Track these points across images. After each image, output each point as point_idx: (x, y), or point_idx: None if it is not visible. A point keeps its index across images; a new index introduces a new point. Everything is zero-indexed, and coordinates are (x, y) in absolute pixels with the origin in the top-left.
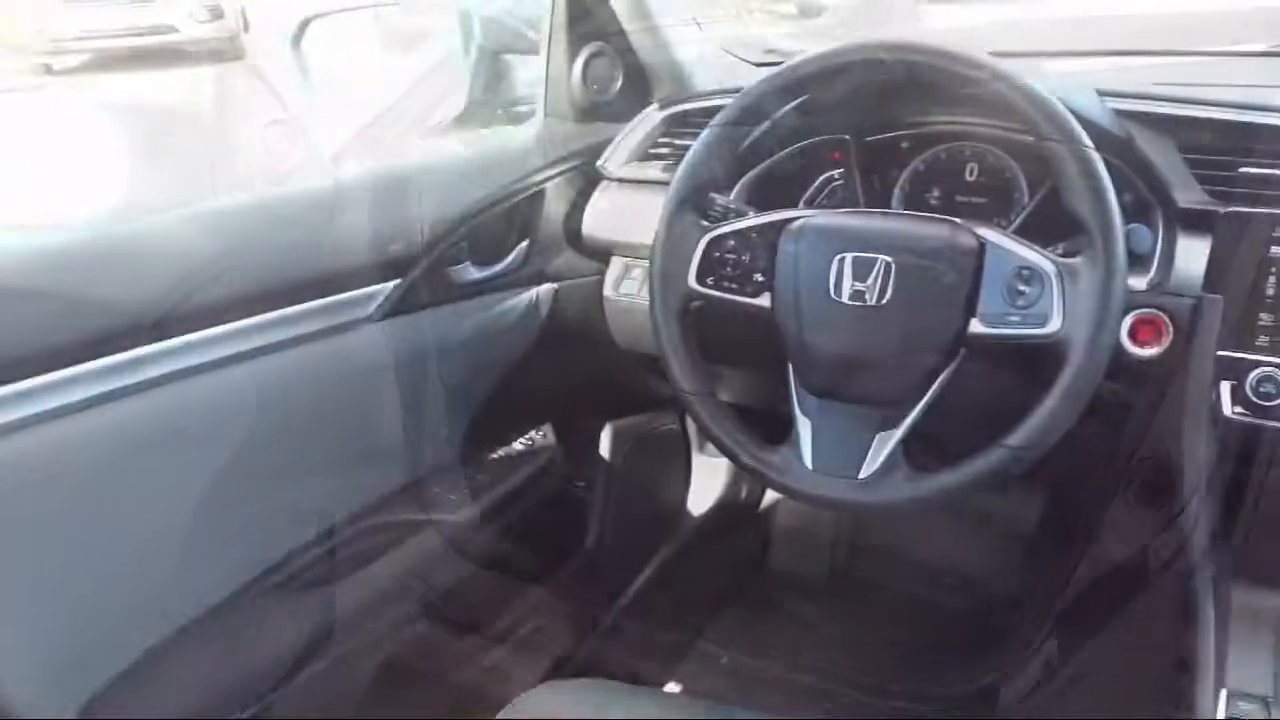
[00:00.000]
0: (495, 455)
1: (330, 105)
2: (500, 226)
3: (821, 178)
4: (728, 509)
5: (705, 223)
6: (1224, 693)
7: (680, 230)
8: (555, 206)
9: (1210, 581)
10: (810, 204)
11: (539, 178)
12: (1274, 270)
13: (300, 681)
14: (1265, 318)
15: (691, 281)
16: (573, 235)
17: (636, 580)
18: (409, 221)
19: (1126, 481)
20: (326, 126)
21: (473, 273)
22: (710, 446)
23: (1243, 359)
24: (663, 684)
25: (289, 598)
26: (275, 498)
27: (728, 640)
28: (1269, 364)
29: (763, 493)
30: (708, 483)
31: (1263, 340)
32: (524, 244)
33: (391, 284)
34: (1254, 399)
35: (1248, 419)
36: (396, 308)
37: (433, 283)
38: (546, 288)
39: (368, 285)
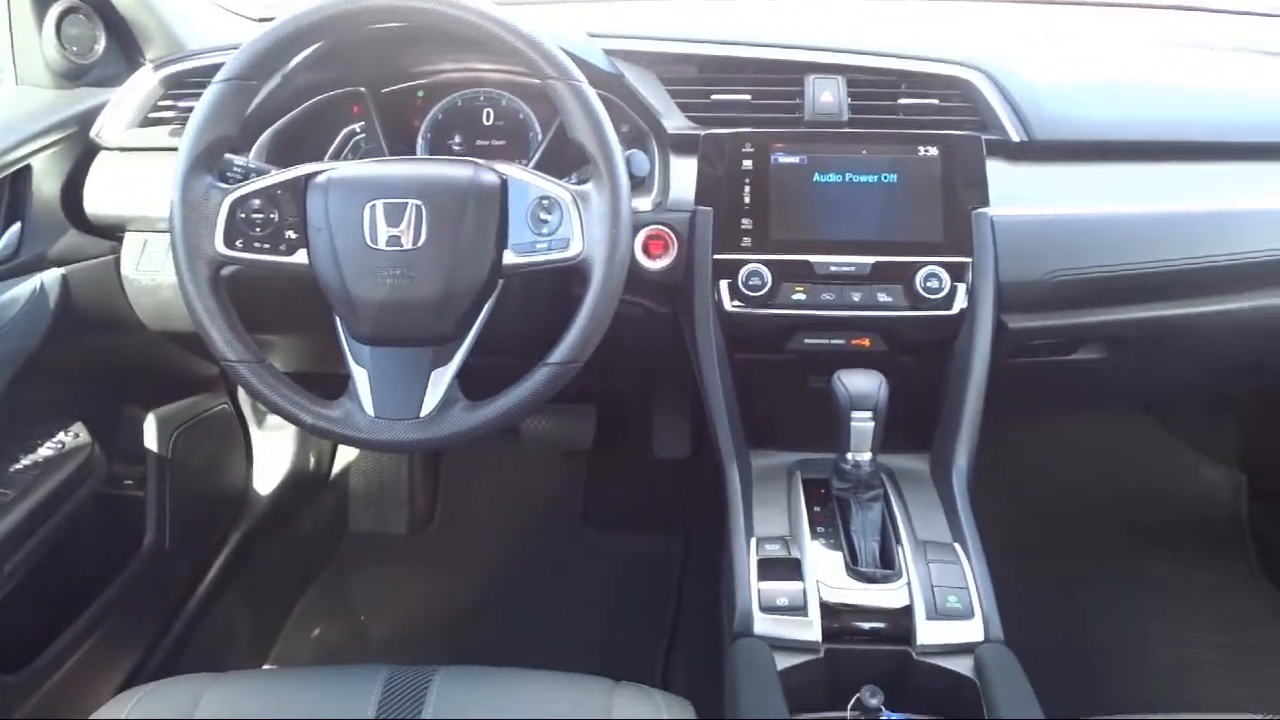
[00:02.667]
0: (19, 466)
1: None
2: None
3: (344, 131)
4: (299, 480)
5: (224, 185)
6: (753, 540)
7: (197, 195)
8: (47, 184)
9: (734, 454)
10: (336, 158)
11: (19, 153)
12: (747, 181)
13: None
14: (746, 222)
15: (219, 247)
16: (74, 214)
17: (210, 571)
18: None
19: (660, 385)
20: None
21: None
22: (270, 419)
23: (733, 259)
24: (255, 668)
25: None
26: None
27: (317, 612)
28: (754, 261)
29: (333, 457)
30: (273, 457)
31: (746, 242)
32: (14, 228)
33: None
34: (746, 292)
35: (743, 310)
36: None
37: None
38: (52, 274)
39: None
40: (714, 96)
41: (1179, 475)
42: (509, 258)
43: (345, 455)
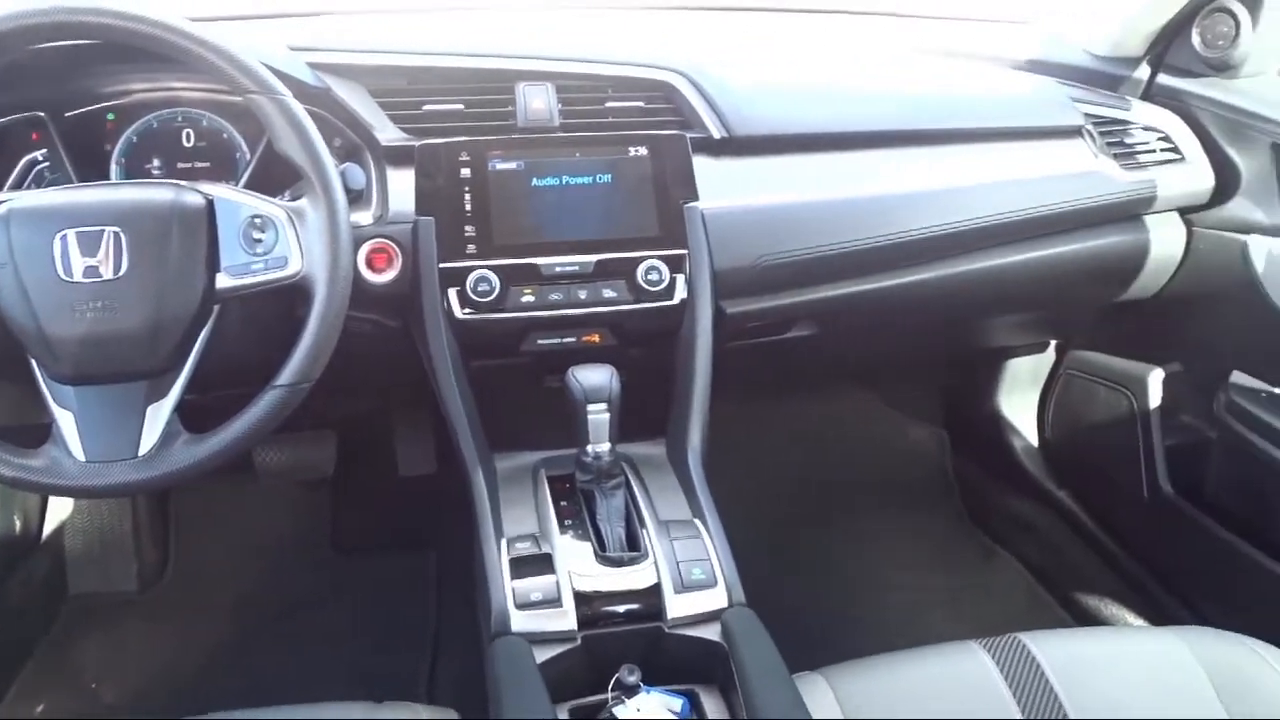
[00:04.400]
0: None
1: None
2: None
3: (24, 160)
4: (4, 545)
5: None
6: (504, 540)
7: None
8: None
9: (477, 460)
10: (17, 189)
11: None
12: (467, 189)
13: None
14: (469, 230)
15: None
16: None
17: None
18: None
19: (399, 402)
20: None
21: None
22: None
23: (460, 267)
24: None
25: None
26: None
27: (41, 686)
28: (481, 267)
29: (43, 516)
30: None
31: (471, 249)
32: None
33: None
34: (475, 298)
35: (474, 316)
36: None
37: None
38: None
39: None
40: (426, 107)
41: (891, 438)
42: (223, 281)
43: (58, 511)
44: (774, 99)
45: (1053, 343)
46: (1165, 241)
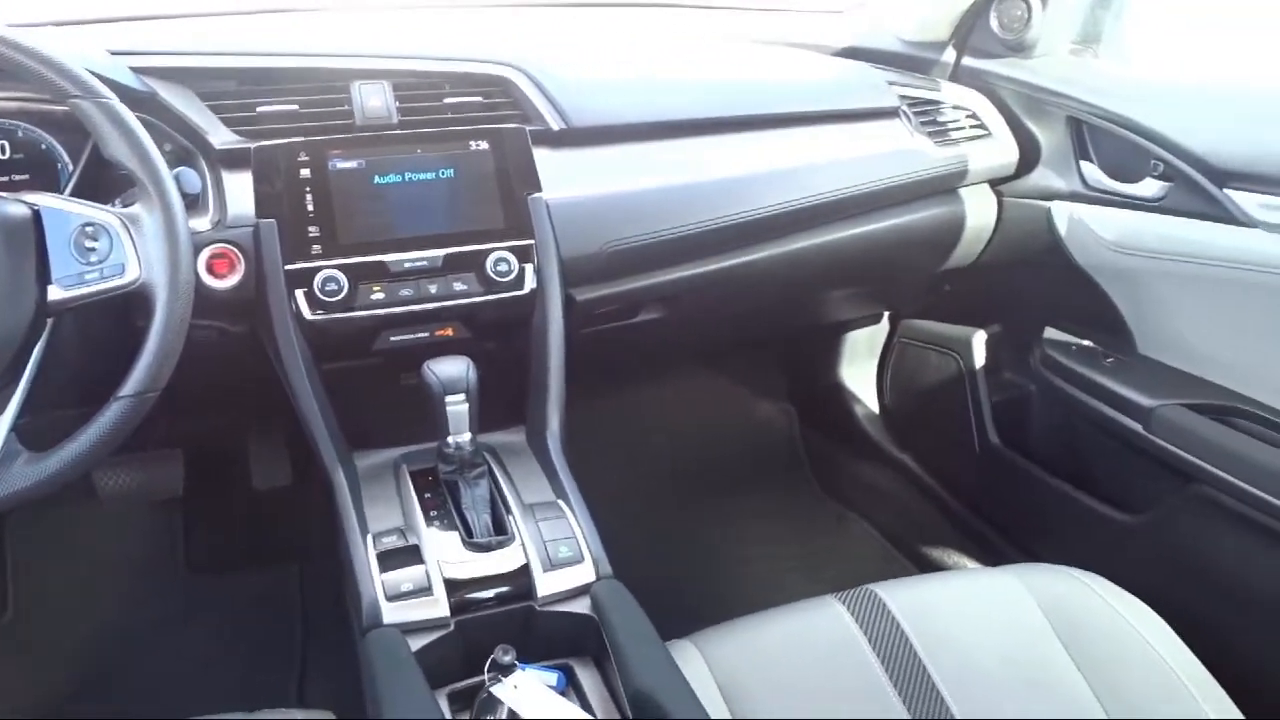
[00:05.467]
0: None
1: None
2: None
3: None
4: None
5: None
6: (369, 536)
7: None
8: None
9: (337, 460)
10: None
11: None
12: (308, 190)
13: None
14: (313, 230)
15: None
16: None
17: None
18: None
19: (250, 415)
20: None
21: None
22: None
23: (306, 268)
24: None
25: None
26: None
27: None
28: (328, 267)
29: None
30: None
31: (317, 249)
32: None
33: None
34: (323, 298)
35: (324, 317)
36: None
37: None
38: None
39: None
40: (260, 109)
41: (742, 414)
42: (55, 293)
43: None
44: (609, 91)
45: (886, 314)
46: (979, 212)
